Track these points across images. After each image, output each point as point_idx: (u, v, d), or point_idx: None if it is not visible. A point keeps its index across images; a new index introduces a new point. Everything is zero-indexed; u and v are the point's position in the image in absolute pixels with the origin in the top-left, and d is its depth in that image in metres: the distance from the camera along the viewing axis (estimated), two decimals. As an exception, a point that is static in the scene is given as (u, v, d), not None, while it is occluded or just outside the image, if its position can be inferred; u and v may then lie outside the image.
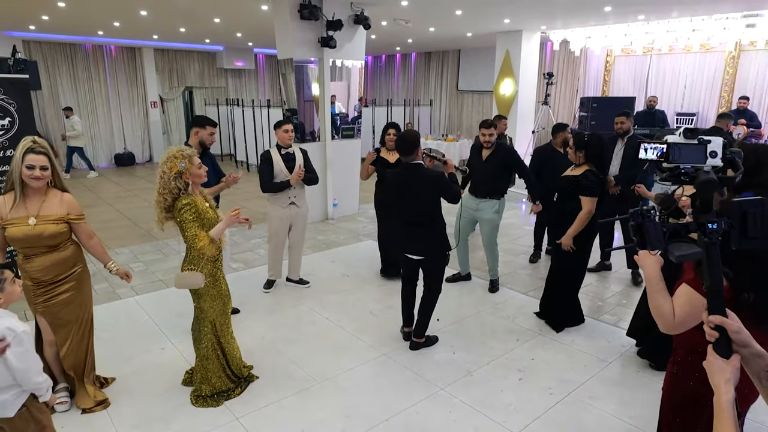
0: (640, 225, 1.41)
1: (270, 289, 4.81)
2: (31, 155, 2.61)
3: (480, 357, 3.68)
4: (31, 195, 2.71)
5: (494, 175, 4.65)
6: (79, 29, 10.11)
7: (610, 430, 2.90)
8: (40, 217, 2.70)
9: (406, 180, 3.49)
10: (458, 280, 5.11)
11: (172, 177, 2.81)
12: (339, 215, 7.71)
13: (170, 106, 13.73)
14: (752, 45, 8.90)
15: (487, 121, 4.62)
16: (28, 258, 2.76)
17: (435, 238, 3.53)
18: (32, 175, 2.62)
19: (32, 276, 2.76)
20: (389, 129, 4.95)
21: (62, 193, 2.83)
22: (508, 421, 2.96)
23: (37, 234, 2.68)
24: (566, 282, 4.07)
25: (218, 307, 3.08)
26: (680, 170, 1.47)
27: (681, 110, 9.93)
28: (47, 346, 2.93)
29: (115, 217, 7.69)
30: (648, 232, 1.39)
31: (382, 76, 16.00)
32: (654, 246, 1.40)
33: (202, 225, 2.88)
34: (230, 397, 3.13)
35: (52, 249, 2.78)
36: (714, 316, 1.25)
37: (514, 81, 9.81)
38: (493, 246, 4.84)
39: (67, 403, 3.01)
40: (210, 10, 7.96)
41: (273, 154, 4.46)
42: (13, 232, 2.66)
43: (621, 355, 3.70)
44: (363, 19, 7.12)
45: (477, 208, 4.74)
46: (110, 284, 4.98)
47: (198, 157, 2.98)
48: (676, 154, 1.46)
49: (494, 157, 4.62)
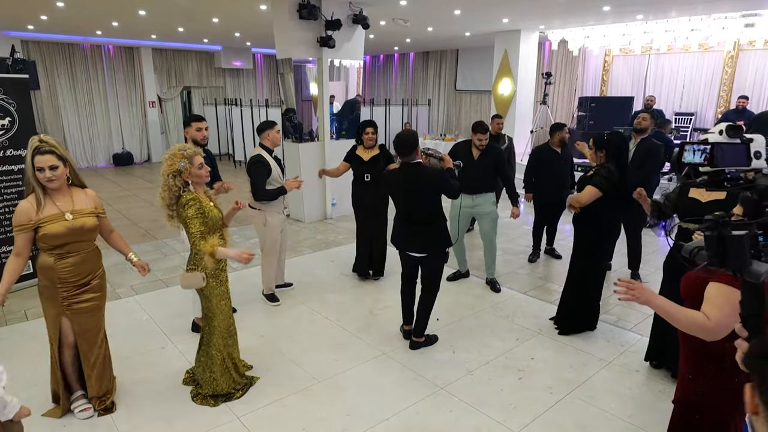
0: (721, 237, 1.09)
1: (278, 302, 4.57)
2: (37, 157, 2.55)
3: (480, 356, 3.68)
4: (56, 194, 2.68)
5: (486, 173, 4.68)
6: (77, 29, 10.10)
7: (610, 430, 2.91)
8: (76, 212, 2.69)
9: (408, 178, 3.50)
10: (458, 278, 5.13)
11: (171, 175, 2.82)
12: (338, 215, 7.71)
13: (168, 106, 13.72)
14: (751, 44, 8.92)
15: (483, 126, 4.61)
16: (63, 257, 2.69)
17: (437, 235, 3.54)
18: (44, 177, 2.57)
19: (62, 276, 2.70)
20: (367, 128, 4.85)
21: (84, 189, 2.82)
22: (508, 420, 2.97)
23: (79, 227, 2.68)
24: (596, 282, 3.94)
25: (226, 307, 3.11)
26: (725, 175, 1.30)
27: (679, 110, 9.96)
28: (66, 348, 2.87)
29: (114, 217, 7.67)
30: (733, 246, 1.08)
31: (380, 76, 15.99)
32: (736, 265, 1.10)
33: (205, 224, 2.89)
34: (230, 400, 3.12)
35: (86, 247, 2.77)
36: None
37: (513, 81, 9.82)
38: (492, 242, 4.85)
39: (90, 410, 2.94)
40: (209, 10, 7.96)
41: (266, 157, 4.19)
42: (54, 229, 2.62)
43: (621, 354, 3.71)
44: (362, 18, 7.12)
45: (474, 204, 4.75)
46: (110, 284, 4.94)
47: (200, 157, 2.96)
48: (720, 157, 1.31)
49: (485, 157, 4.64)
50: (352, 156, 4.94)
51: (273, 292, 4.61)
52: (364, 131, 4.86)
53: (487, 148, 4.65)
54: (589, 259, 3.85)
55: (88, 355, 2.91)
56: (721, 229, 1.09)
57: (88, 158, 12.59)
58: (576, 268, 3.95)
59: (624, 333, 4.02)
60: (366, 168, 4.84)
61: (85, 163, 12.52)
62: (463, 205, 4.77)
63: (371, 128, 4.86)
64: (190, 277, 2.93)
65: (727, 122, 1.57)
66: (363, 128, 4.89)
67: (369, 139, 4.83)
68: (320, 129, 7.38)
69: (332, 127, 7.93)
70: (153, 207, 8.25)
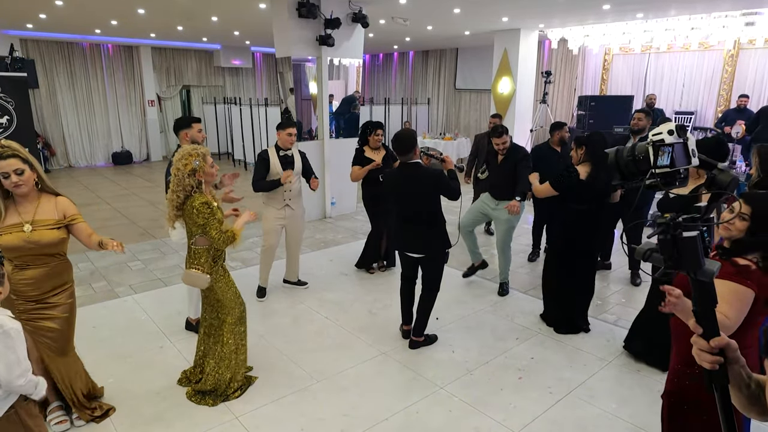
0: (675, 239, 1.10)
1: (263, 297, 4.63)
2: (0, 162, 2.39)
3: (479, 356, 3.67)
4: (22, 201, 2.53)
5: (508, 179, 4.58)
6: (76, 28, 10.07)
7: (610, 429, 2.90)
8: (36, 223, 2.52)
9: (406, 179, 3.48)
10: (475, 271, 5.03)
11: (186, 174, 2.83)
12: (337, 214, 7.70)
13: (167, 105, 13.70)
14: (751, 43, 8.90)
15: (498, 129, 4.55)
16: (22, 268, 2.53)
17: (435, 236, 3.52)
18: (11, 183, 2.42)
19: (18, 289, 2.52)
20: (377, 129, 4.96)
21: (56, 197, 2.65)
22: (508, 420, 2.96)
23: (36, 240, 2.50)
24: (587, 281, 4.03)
25: (237, 300, 3.14)
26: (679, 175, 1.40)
27: (679, 109, 9.94)
28: (32, 363, 2.73)
29: (113, 216, 7.67)
30: (686, 247, 1.09)
31: (380, 75, 15.97)
32: (691, 266, 1.10)
33: (220, 222, 2.92)
34: (228, 399, 3.12)
35: (48, 260, 2.60)
36: (716, 339, 1.11)
37: (512, 79, 9.80)
38: (506, 248, 4.76)
39: (67, 422, 2.83)
40: (208, 9, 7.93)
41: (271, 154, 4.38)
42: (9, 240, 2.44)
43: (620, 353, 3.70)
44: (361, 17, 7.10)
45: (495, 208, 4.71)
46: (108, 282, 4.97)
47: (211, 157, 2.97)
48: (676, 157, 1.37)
49: (507, 161, 4.59)
50: (363, 159, 4.96)
51: (264, 287, 4.67)
52: (374, 132, 4.93)
53: (510, 150, 4.58)
54: (563, 257, 3.98)
55: (57, 374, 2.77)
56: (673, 232, 1.09)
57: (87, 157, 12.56)
58: (553, 266, 4.11)
59: (624, 332, 3.99)
60: (379, 169, 4.86)
61: (84, 162, 12.50)
62: (484, 202, 4.77)
63: (381, 130, 4.97)
64: (194, 276, 2.96)
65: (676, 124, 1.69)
66: (373, 129, 4.95)
67: (378, 140, 4.91)
68: (320, 128, 7.37)
69: (331, 125, 7.92)
70: (152, 206, 8.24)
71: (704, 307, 1.11)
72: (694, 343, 1.15)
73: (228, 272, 3.17)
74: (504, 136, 4.53)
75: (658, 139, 1.68)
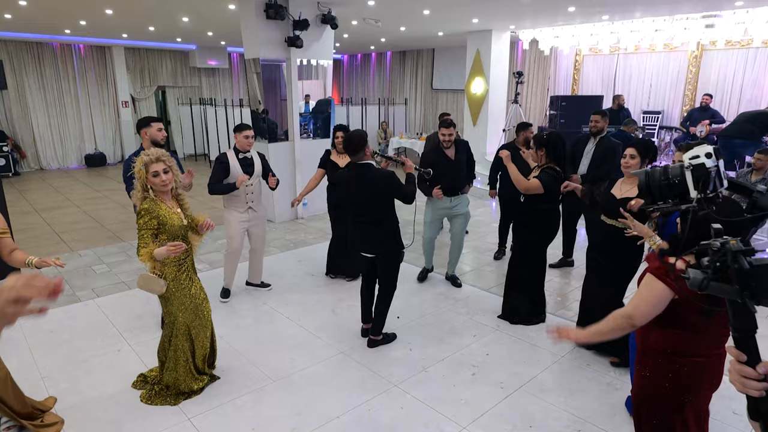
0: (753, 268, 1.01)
1: (227, 298, 4.63)
2: None
3: (436, 353, 3.73)
4: None
5: (462, 170, 4.73)
6: (45, 28, 9.91)
7: (557, 422, 2.98)
8: None
9: (356, 180, 3.51)
10: (426, 275, 5.17)
11: (135, 177, 2.85)
12: (309, 214, 7.72)
13: (142, 106, 13.54)
14: (713, 44, 9.14)
15: (447, 120, 4.66)
16: None
17: (386, 236, 3.55)
18: None
19: None
20: (337, 132, 4.84)
21: None
22: (457, 416, 3.02)
23: None
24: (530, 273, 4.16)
25: (190, 310, 3.08)
26: None
27: (647, 108, 10.16)
28: None
29: (82, 219, 7.58)
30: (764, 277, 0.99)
31: (358, 75, 16.00)
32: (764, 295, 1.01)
33: (163, 230, 2.88)
34: (191, 397, 3.14)
35: None
36: (763, 364, 1.04)
37: (485, 80, 9.91)
38: (461, 241, 4.93)
39: (15, 428, 2.68)
40: (176, 10, 7.88)
41: (230, 157, 4.31)
42: None
43: (574, 349, 3.79)
44: (330, 18, 7.13)
45: (452, 206, 4.77)
46: (70, 287, 4.93)
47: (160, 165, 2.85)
48: None
49: (459, 153, 4.69)
50: (326, 162, 4.91)
51: (228, 288, 4.66)
52: (335, 135, 4.85)
53: (456, 143, 4.68)
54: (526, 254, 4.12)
55: None
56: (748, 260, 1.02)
57: (59, 159, 12.37)
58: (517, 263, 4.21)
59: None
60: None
61: (56, 165, 12.31)
62: (440, 207, 4.79)
63: (341, 132, 4.78)
64: (149, 280, 2.92)
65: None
66: (334, 132, 4.88)
67: (340, 142, 4.78)
68: (290, 128, 7.38)
69: (310, 125, 7.92)
70: (122, 208, 8.17)
71: (749, 333, 1.06)
72: (736, 372, 1.06)
73: (194, 283, 3.11)
74: (451, 128, 4.60)
75: (698, 164, 1.66)
